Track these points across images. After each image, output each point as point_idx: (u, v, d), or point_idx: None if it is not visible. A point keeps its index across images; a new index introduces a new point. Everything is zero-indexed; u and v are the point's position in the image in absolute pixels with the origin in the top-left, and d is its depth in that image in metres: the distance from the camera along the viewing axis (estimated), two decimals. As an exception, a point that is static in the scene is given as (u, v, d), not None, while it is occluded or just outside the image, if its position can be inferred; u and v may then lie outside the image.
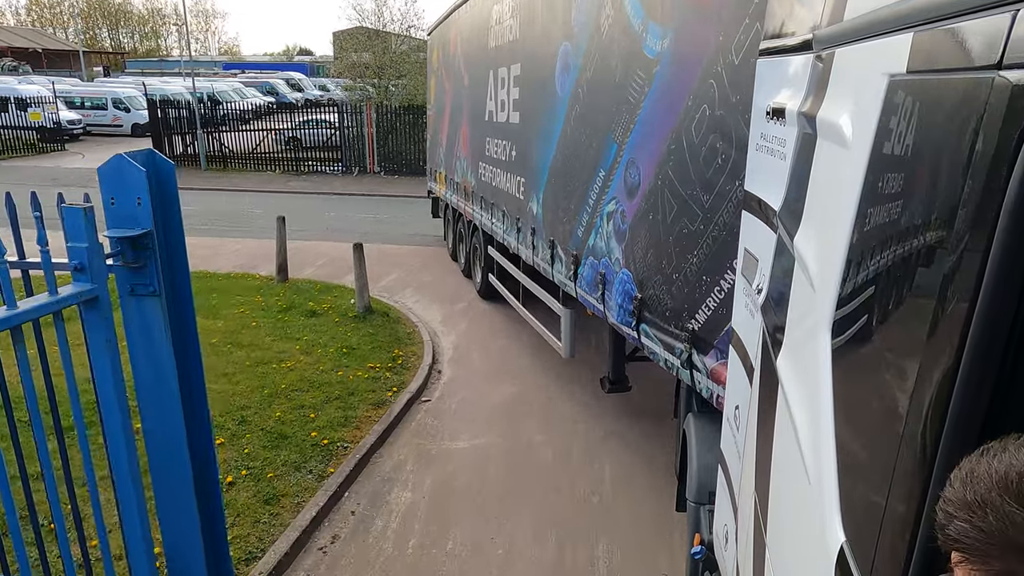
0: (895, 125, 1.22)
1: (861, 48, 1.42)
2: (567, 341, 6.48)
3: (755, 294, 2.31)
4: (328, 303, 9.24)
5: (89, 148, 27.22)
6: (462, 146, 10.15)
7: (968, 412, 0.94)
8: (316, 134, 23.90)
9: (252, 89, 39.35)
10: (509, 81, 7.42)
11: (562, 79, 5.68)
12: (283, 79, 45.41)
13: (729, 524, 2.61)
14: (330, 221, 15.63)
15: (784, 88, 2.11)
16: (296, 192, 19.97)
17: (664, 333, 4.11)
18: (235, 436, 5.56)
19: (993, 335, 0.90)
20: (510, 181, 7.62)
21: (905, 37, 1.15)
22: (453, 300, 10.05)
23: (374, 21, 30.52)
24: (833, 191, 1.55)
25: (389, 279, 11.02)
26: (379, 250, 12.54)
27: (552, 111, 5.96)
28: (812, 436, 1.44)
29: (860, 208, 1.34)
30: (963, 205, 0.93)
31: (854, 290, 1.35)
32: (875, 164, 1.28)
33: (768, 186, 2.25)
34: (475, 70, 9.12)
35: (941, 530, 0.82)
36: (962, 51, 0.99)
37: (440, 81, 11.85)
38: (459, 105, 10.21)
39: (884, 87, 1.23)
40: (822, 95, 1.69)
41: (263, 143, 23.91)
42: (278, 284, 10.14)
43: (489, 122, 8.44)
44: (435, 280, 11.09)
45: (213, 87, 33.99)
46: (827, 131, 1.60)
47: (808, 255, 1.62)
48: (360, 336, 7.96)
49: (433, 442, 5.84)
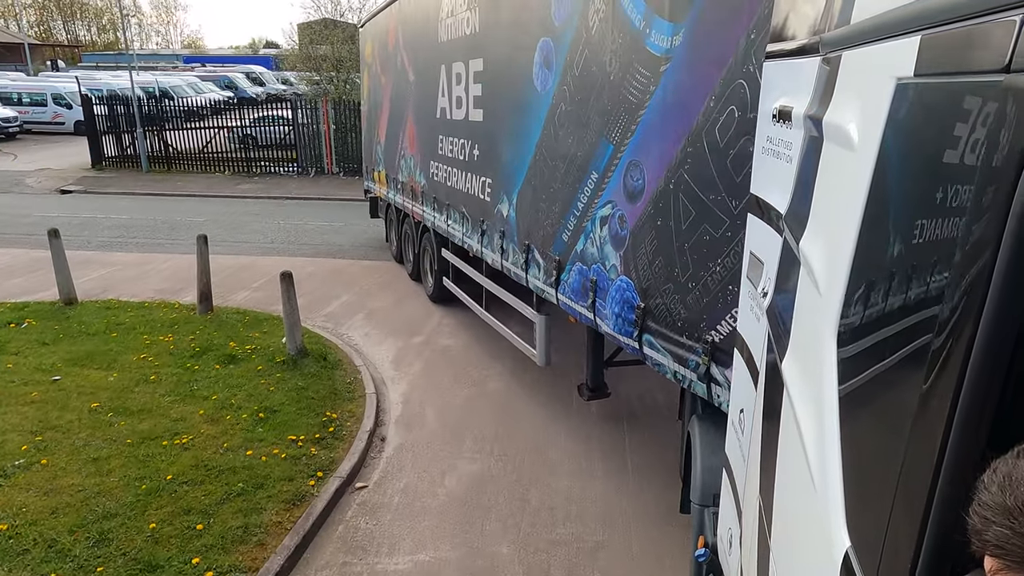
0: (902, 129, 1.22)
1: (868, 51, 1.43)
2: (542, 348, 6.33)
3: (760, 297, 2.31)
4: (254, 343, 7.82)
5: (25, 148, 26.03)
6: (408, 144, 9.86)
7: (975, 416, 0.95)
8: (272, 132, 22.84)
9: (209, 83, 37.74)
10: (468, 77, 7.24)
11: (542, 76, 5.51)
12: (243, 73, 43.42)
13: (733, 528, 2.61)
14: (278, 231, 14.57)
15: (790, 91, 2.12)
16: (246, 196, 18.80)
17: (675, 344, 4.01)
18: (82, 570, 4.10)
19: (1001, 339, 0.90)
20: (472, 182, 7.42)
21: (912, 40, 1.15)
22: (410, 331, 8.82)
23: (331, 10, 29.58)
24: (839, 194, 1.55)
25: (337, 304, 9.82)
26: (331, 267, 11.60)
27: (529, 109, 5.80)
28: (817, 440, 1.45)
29: (866, 212, 1.34)
30: (971, 209, 0.93)
31: (860, 294, 1.36)
32: (882, 168, 1.29)
33: (774, 189, 2.26)
34: (422, 65, 8.89)
35: (978, 536, 0.81)
36: (970, 54, 1.00)
37: (375, 76, 11.52)
38: (401, 101, 9.97)
39: (891, 90, 1.23)
40: (829, 98, 1.69)
41: (213, 142, 22.74)
42: (199, 316, 8.75)
43: (442, 119, 8.21)
44: (391, 304, 9.87)
45: (165, 81, 32.53)
46: (834, 134, 1.61)
47: (814, 259, 1.63)
48: (286, 392, 6.57)
49: (364, 560, 4.48)
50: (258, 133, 23.16)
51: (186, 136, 22.83)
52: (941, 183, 1.08)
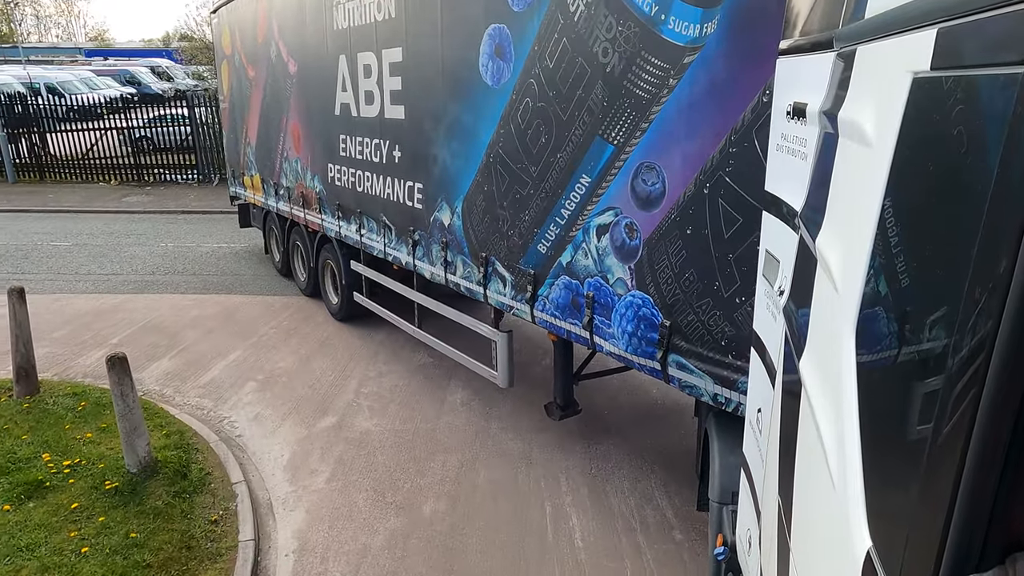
0: (919, 124, 1.21)
1: (883, 45, 1.42)
2: (504, 369, 5.81)
3: (777, 296, 2.30)
4: (81, 452, 5.34)
5: None
6: (291, 146, 9.04)
7: (998, 413, 0.93)
8: (171, 133, 19.82)
9: (107, 79, 34.47)
10: (382, 69, 6.63)
11: (494, 68, 5.04)
12: (147, 67, 40.43)
13: (752, 529, 2.60)
14: (163, 256, 11.92)
15: (805, 87, 2.11)
16: (131, 211, 15.87)
17: (717, 365, 3.72)
18: None
19: (1023, 335, 0.88)
20: (393, 187, 6.84)
21: (928, 33, 1.14)
22: (319, 405, 6.50)
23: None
24: (856, 191, 1.54)
25: (223, 365, 7.36)
26: (223, 307, 9.15)
27: (475, 106, 5.34)
28: (837, 439, 1.44)
29: (883, 208, 1.33)
30: (989, 205, 0.92)
31: (878, 291, 1.35)
32: (899, 164, 1.28)
33: (789, 187, 2.26)
34: (311, 55, 8.08)
35: None
36: (987, 47, 0.99)
37: (239, 69, 10.46)
38: (279, 97, 9.13)
39: (908, 85, 1.22)
40: (844, 94, 1.68)
41: (97, 146, 19.47)
42: (12, 403, 6.12)
43: (345, 117, 7.54)
44: (297, 362, 7.51)
45: (54, 77, 29.28)
46: (849, 131, 1.60)
47: (831, 256, 1.62)
48: (105, 556, 4.17)
49: None
50: (155, 135, 20.21)
51: (65, 140, 19.46)
52: (959, 179, 1.07)
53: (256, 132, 10.17)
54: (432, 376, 7.20)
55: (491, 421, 6.31)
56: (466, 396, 6.77)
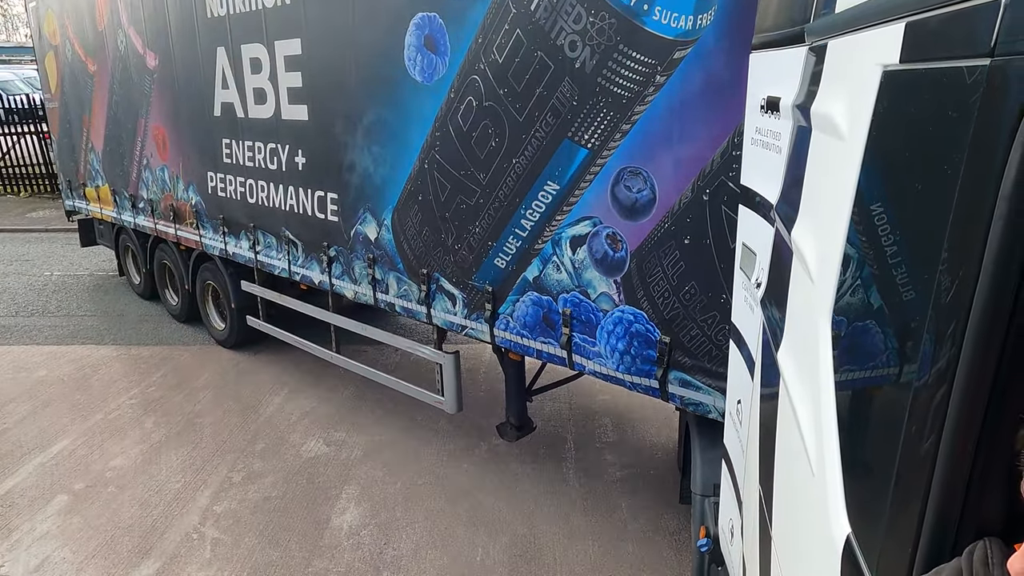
0: (890, 117, 1.23)
1: (853, 39, 1.43)
2: (451, 393, 5.25)
3: (754, 288, 2.32)
4: None
5: None
6: (156, 152, 7.83)
7: (970, 400, 0.96)
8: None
9: None
10: (275, 63, 5.80)
11: (424, 63, 4.50)
12: None
13: (734, 519, 2.63)
14: (38, 291, 9.72)
15: (777, 81, 2.13)
16: (31, 229, 13.82)
17: (726, 380, 3.61)
18: None
19: (992, 323, 0.91)
20: (297, 197, 6.07)
21: (897, 27, 1.16)
22: (144, 542, 4.43)
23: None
24: (829, 184, 1.56)
25: (37, 463, 5.28)
26: (78, 364, 7.09)
27: (401, 106, 4.77)
28: (815, 428, 1.47)
29: (857, 200, 1.35)
30: (959, 194, 0.94)
31: (853, 281, 1.37)
32: (871, 156, 1.30)
33: (764, 180, 2.28)
34: (177, 48, 6.93)
35: None
36: (953, 39, 1.01)
37: (72, 63, 8.97)
38: (134, 95, 7.87)
39: (878, 78, 1.23)
40: (816, 88, 1.71)
41: (11, 153, 16.96)
42: None
43: (228, 118, 6.56)
44: (143, 457, 5.44)
45: None
46: (822, 124, 1.62)
47: (806, 248, 1.64)
48: None
49: None
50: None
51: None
52: (930, 169, 1.09)
53: (103, 137, 8.74)
54: (318, 479, 5.24)
55: (382, 571, 4.21)
56: (359, 517, 4.78)
